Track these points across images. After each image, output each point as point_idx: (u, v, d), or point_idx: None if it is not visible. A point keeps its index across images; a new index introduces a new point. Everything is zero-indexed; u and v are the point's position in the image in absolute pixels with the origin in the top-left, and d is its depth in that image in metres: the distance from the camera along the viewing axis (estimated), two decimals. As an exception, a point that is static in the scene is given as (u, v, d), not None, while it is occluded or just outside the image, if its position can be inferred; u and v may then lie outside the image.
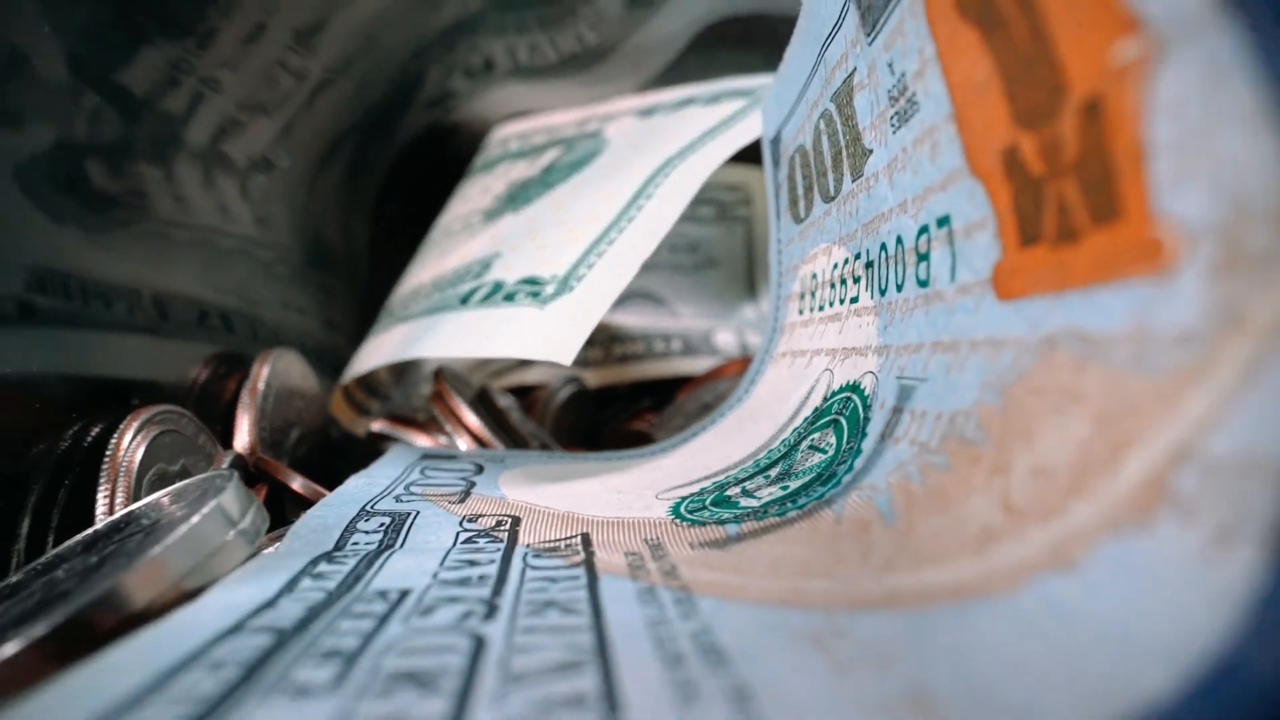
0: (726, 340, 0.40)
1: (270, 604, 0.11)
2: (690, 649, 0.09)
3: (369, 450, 0.30)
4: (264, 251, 0.37)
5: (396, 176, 0.48)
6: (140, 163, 0.27)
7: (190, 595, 0.12)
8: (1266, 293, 0.07)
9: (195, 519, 0.12)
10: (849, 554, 0.11)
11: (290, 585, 0.12)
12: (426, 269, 0.33)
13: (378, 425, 0.29)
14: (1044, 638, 0.07)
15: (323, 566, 0.13)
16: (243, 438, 0.25)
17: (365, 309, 0.43)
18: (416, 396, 0.38)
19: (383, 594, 0.11)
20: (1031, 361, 0.10)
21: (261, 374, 0.26)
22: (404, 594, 0.11)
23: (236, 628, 0.10)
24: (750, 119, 0.27)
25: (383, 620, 0.10)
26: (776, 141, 0.24)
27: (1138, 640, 0.07)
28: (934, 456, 0.12)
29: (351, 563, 0.13)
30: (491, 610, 0.10)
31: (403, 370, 0.39)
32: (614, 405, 0.39)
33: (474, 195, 0.38)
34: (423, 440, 0.28)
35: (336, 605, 0.11)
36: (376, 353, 0.29)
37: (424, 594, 0.11)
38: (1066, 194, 0.09)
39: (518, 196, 0.33)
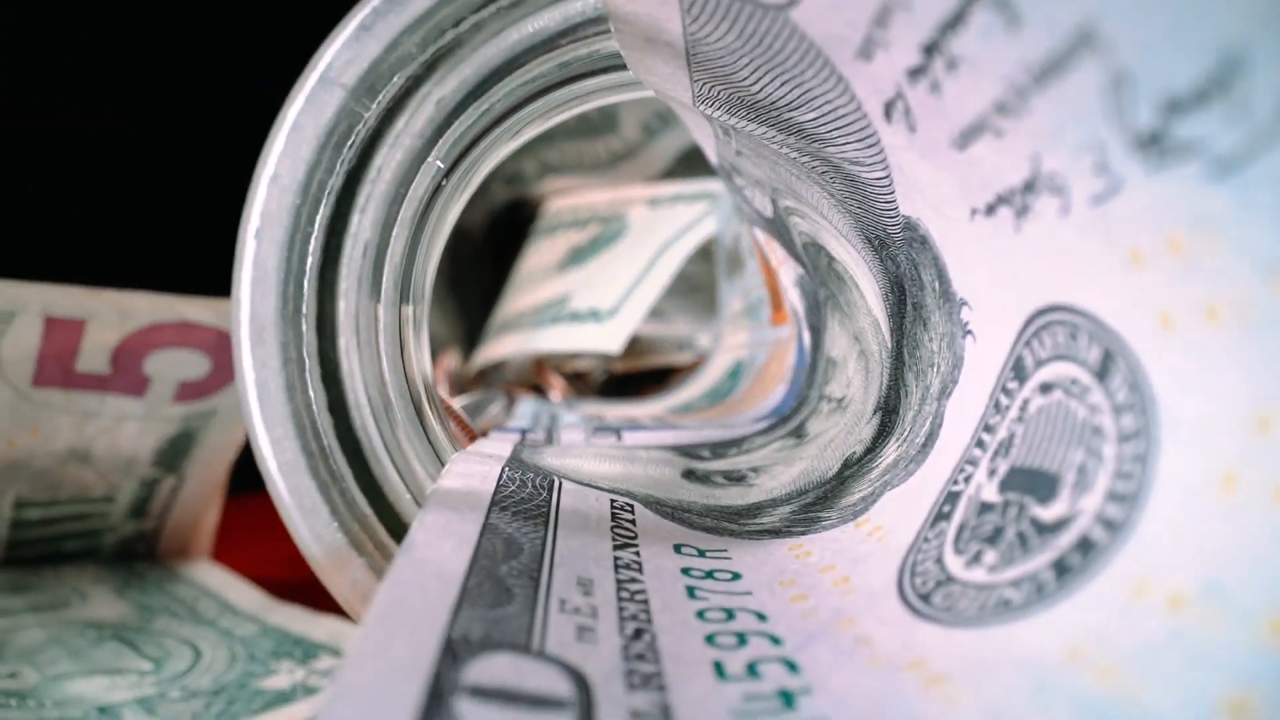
0: (705, 342, 0.62)
1: (529, 429, 0.33)
2: (666, 419, 0.31)
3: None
4: (406, 285, 0.59)
5: (487, 230, 0.70)
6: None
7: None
8: (774, 336, 0.29)
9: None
10: (719, 411, 0.34)
11: (533, 422, 0.34)
12: (521, 300, 0.55)
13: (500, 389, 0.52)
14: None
15: (537, 423, 0.35)
16: (442, 393, 0.47)
17: (469, 322, 0.66)
18: (502, 377, 0.60)
19: (568, 424, 0.34)
20: (774, 345, 0.33)
21: (447, 360, 0.48)
22: (575, 425, 0.34)
23: (528, 427, 0.32)
24: (710, 220, 0.50)
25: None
26: (720, 238, 0.47)
27: (780, 393, 0.29)
28: (754, 380, 0.34)
29: (545, 422, 0.35)
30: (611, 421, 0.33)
31: (498, 364, 0.61)
32: (631, 384, 0.62)
33: (544, 251, 0.60)
34: (528, 396, 0.50)
35: (555, 429, 0.33)
36: (501, 349, 0.51)
37: (587, 428, 0.34)
38: (774, 296, 0.32)
39: (577, 258, 0.55)
